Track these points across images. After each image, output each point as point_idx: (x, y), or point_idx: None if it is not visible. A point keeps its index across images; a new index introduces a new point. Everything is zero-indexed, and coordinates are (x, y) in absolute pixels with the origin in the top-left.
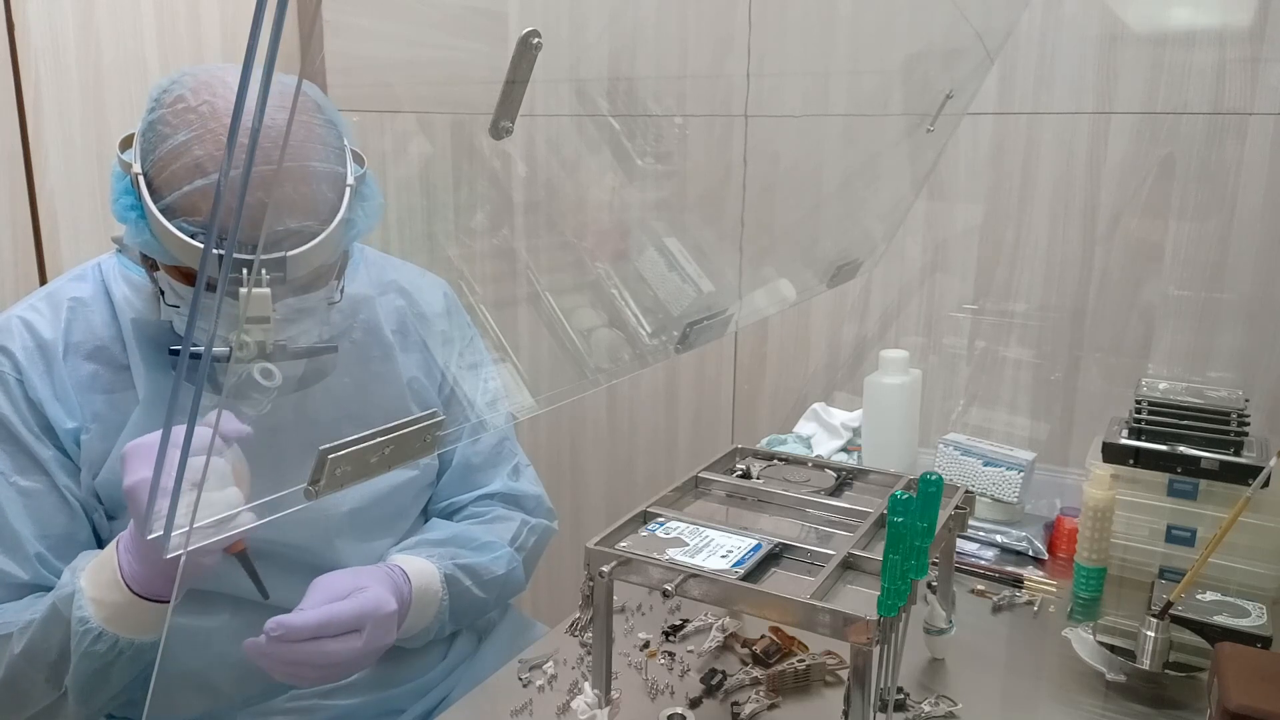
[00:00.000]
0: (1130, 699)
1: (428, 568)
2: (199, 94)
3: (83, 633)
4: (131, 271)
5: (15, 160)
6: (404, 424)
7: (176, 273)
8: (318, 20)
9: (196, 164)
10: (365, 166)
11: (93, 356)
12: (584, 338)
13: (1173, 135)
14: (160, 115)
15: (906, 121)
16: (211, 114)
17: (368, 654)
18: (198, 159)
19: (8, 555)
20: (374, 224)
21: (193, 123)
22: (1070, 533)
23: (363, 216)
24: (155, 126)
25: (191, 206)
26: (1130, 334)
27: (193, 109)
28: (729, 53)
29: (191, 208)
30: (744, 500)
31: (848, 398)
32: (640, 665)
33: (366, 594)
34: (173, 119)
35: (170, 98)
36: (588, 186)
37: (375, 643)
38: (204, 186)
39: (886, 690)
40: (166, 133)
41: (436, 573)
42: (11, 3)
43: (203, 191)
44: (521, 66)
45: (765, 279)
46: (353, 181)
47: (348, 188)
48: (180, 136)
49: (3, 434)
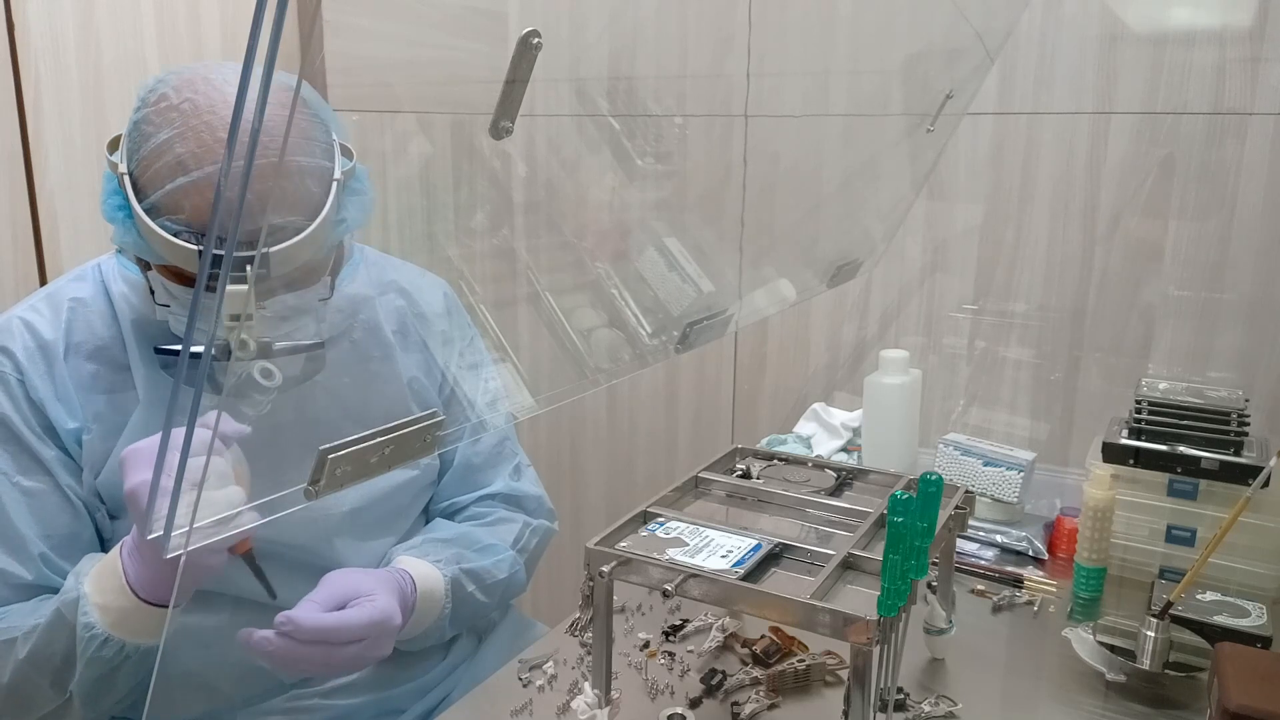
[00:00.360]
0: (1130, 699)
1: (433, 573)
2: (181, 92)
3: (89, 639)
4: (130, 272)
5: (15, 160)
6: (404, 424)
7: (167, 271)
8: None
9: (178, 162)
10: (355, 160)
11: (93, 357)
12: (584, 338)
13: (1173, 135)
14: (144, 115)
15: (906, 121)
16: (193, 111)
17: (362, 661)
18: (179, 157)
19: (11, 555)
20: (364, 219)
21: (174, 120)
22: (1070, 533)
23: (352, 211)
24: (139, 126)
25: (174, 205)
26: (1130, 334)
27: (175, 107)
28: (729, 53)
29: (174, 206)
30: (744, 500)
31: (848, 398)
32: (640, 665)
33: (377, 604)
34: (155, 118)
35: (154, 97)
36: (588, 186)
37: (372, 652)
38: (185, 185)
39: (886, 690)
40: (150, 131)
41: (442, 579)
42: (11, 3)
43: (184, 190)
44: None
45: (765, 279)
46: (340, 176)
47: (334, 182)
48: (163, 135)
49: (5, 434)
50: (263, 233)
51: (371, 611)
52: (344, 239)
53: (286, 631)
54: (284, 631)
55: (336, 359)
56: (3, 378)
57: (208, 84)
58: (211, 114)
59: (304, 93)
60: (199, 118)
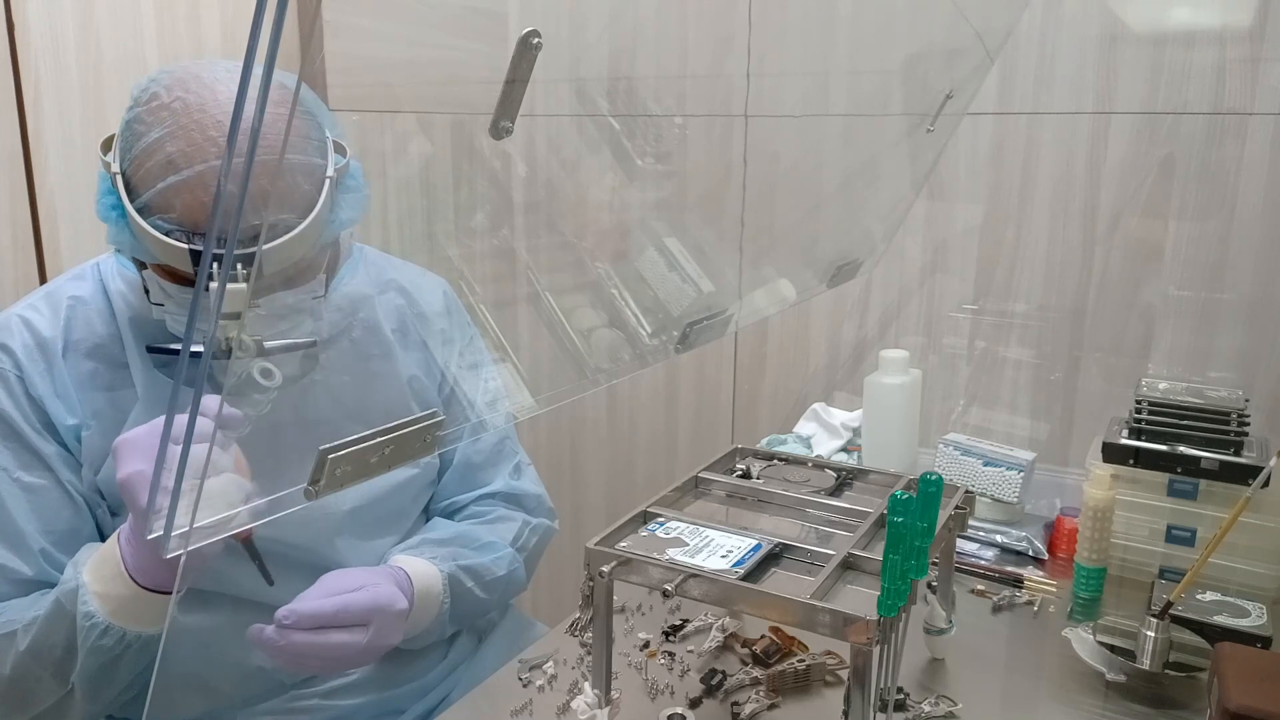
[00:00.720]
0: (1130, 699)
1: (430, 570)
2: (172, 90)
3: (89, 628)
4: (129, 271)
5: (15, 160)
6: (404, 424)
7: (161, 270)
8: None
9: (169, 161)
10: (349, 157)
11: (92, 354)
12: (584, 338)
13: (1173, 135)
14: (136, 114)
15: (906, 121)
16: (184, 110)
17: (371, 650)
18: (170, 156)
19: (12, 551)
20: (359, 216)
21: (165, 119)
22: (1070, 533)
23: (347, 208)
24: (131, 125)
25: (165, 204)
26: (1130, 334)
27: (166, 106)
28: (729, 53)
29: (166, 205)
30: (744, 500)
31: (848, 398)
32: (640, 665)
33: (380, 589)
34: (147, 117)
35: (146, 96)
36: (588, 186)
37: (380, 640)
38: (176, 183)
39: (886, 690)
40: (141, 130)
41: (439, 575)
42: (11, 3)
43: (175, 188)
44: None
45: (765, 279)
46: (333, 173)
47: (327, 179)
48: (154, 134)
49: (5, 431)
50: (264, 229)
51: (375, 595)
52: (341, 237)
53: (289, 624)
54: (286, 624)
55: (336, 358)
56: (3, 375)
57: (199, 82)
58: (202, 112)
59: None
60: (190, 116)
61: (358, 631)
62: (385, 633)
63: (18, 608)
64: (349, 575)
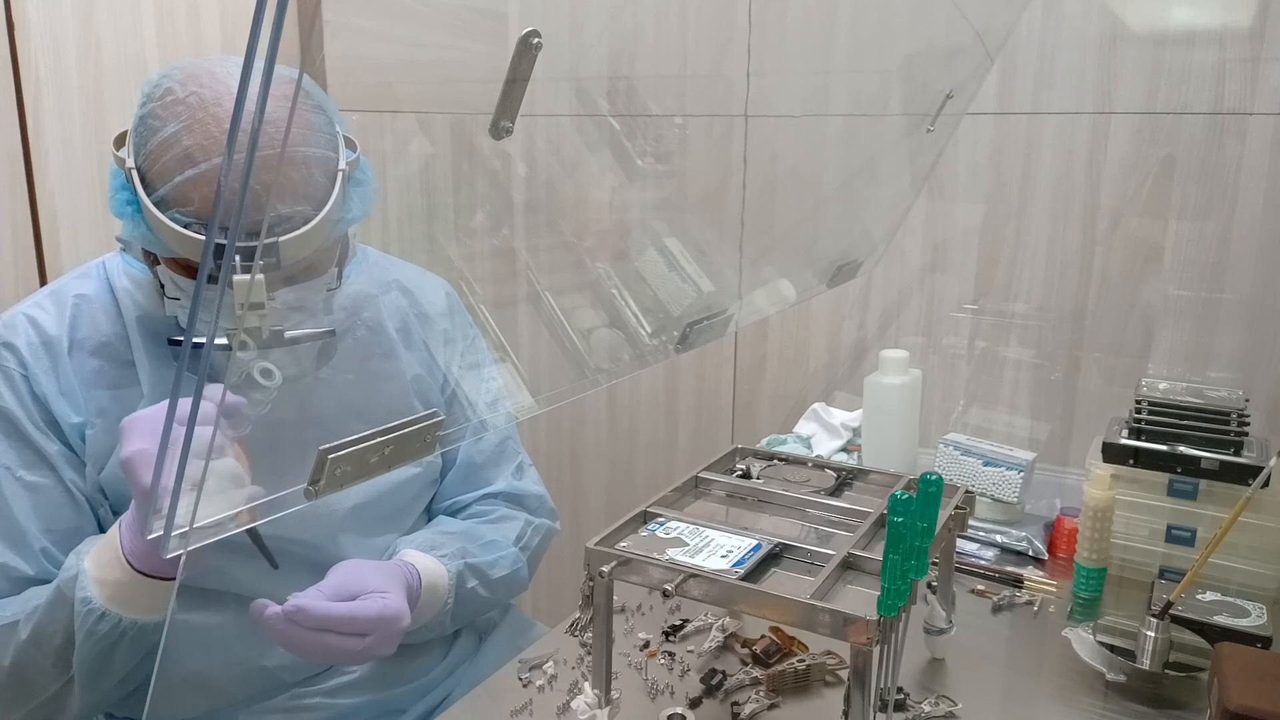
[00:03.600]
0: (1130, 699)
1: (437, 568)
2: (186, 86)
3: (85, 613)
4: (135, 269)
5: (15, 160)
6: (404, 424)
7: (176, 265)
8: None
9: (186, 154)
10: (358, 151)
11: (97, 352)
12: (584, 338)
13: (1173, 135)
14: (150, 109)
15: (906, 121)
16: (199, 104)
17: (364, 655)
18: (187, 149)
19: (13, 550)
20: (369, 209)
21: (181, 114)
22: (1070, 533)
23: (357, 201)
24: (146, 120)
25: (183, 197)
26: (1130, 334)
27: (180, 100)
28: (729, 53)
29: (183, 198)
30: (744, 500)
31: (848, 398)
32: (640, 665)
33: (388, 601)
34: (162, 112)
35: (159, 91)
36: (588, 186)
37: (376, 649)
38: (194, 177)
39: (886, 690)
40: (156, 126)
41: (446, 574)
42: (11, 3)
43: (193, 182)
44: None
45: (765, 279)
46: (345, 166)
47: (339, 172)
48: (169, 129)
49: (9, 429)
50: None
51: (382, 607)
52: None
53: (295, 620)
54: (293, 619)
55: (340, 356)
56: (7, 373)
57: (212, 77)
58: (218, 106)
59: (306, 85)
60: (205, 110)
61: (355, 640)
62: (382, 643)
63: (18, 601)
64: (362, 574)
